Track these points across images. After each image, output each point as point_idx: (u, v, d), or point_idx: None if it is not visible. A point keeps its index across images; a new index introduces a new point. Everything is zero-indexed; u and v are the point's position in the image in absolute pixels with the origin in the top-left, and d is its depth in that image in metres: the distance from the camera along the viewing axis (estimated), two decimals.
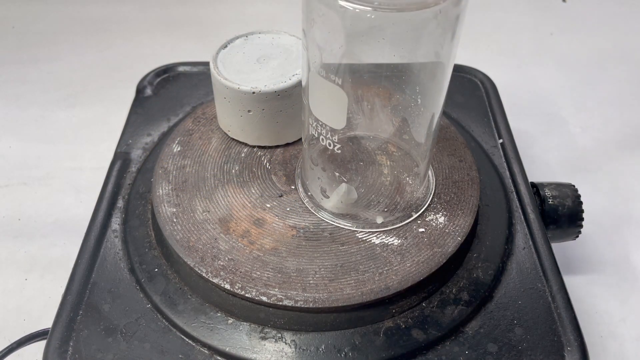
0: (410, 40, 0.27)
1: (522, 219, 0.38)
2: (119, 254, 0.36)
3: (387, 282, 0.31)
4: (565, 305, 0.33)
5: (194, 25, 0.76)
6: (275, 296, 0.31)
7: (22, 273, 0.46)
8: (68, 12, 0.78)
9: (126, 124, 0.45)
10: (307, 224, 0.34)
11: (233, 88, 0.36)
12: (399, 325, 0.32)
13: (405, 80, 0.31)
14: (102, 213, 0.38)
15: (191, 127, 0.41)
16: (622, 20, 0.78)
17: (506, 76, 0.58)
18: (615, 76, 0.68)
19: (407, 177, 0.35)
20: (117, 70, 0.68)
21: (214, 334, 0.31)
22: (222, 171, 0.38)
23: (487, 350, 0.31)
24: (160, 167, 0.38)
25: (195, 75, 0.50)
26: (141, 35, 0.74)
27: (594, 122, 0.62)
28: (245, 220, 0.35)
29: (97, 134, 0.59)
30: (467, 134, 0.44)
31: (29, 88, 0.65)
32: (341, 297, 0.31)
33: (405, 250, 0.33)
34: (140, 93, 0.48)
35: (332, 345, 0.31)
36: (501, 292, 0.34)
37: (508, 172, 0.41)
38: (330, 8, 0.26)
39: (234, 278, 0.31)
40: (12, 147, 0.58)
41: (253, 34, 0.41)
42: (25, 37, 0.74)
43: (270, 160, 0.39)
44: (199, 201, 0.36)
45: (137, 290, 0.34)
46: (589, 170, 0.56)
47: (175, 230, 0.34)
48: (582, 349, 0.31)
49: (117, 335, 0.31)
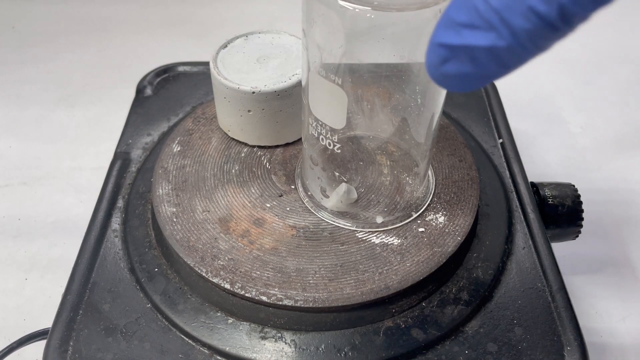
0: (410, 40, 0.27)
1: (522, 218, 0.38)
2: (119, 254, 0.36)
3: (387, 281, 0.31)
4: (565, 305, 0.33)
5: (194, 25, 0.76)
6: (275, 296, 0.31)
7: (22, 273, 0.46)
8: (68, 12, 0.78)
9: (126, 124, 0.45)
10: (307, 224, 0.34)
11: (233, 88, 0.36)
12: (399, 325, 0.32)
13: (405, 80, 0.31)
14: (102, 213, 0.38)
15: (191, 127, 0.41)
16: (622, 20, 0.78)
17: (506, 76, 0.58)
18: (615, 76, 0.68)
19: (407, 177, 0.35)
20: (117, 70, 0.68)
21: (214, 334, 0.31)
22: (222, 171, 0.38)
23: (487, 350, 0.31)
24: (160, 167, 0.38)
25: (195, 75, 0.50)
26: (141, 35, 0.74)
27: (594, 122, 0.62)
28: (245, 220, 0.35)
29: (97, 134, 0.59)
30: (467, 134, 0.44)
31: (29, 88, 0.65)
32: (341, 297, 0.31)
33: (405, 250, 0.33)
34: (140, 93, 0.48)
35: (332, 345, 0.31)
36: (501, 292, 0.34)
37: (508, 172, 0.41)
38: (330, 8, 0.26)
39: (233, 278, 0.31)
40: (12, 147, 0.58)
41: (253, 34, 0.41)
42: (25, 37, 0.74)
43: (270, 160, 0.39)
44: (199, 201, 0.36)
45: (137, 290, 0.34)
46: (589, 170, 0.56)
47: (175, 230, 0.34)
48: (582, 349, 0.31)
49: (117, 335, 0.31)
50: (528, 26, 0.16)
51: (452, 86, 0.18)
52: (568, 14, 0.15)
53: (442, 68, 0.18)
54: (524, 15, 0.15)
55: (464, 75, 0.17)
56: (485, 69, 0.17)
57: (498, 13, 0.16)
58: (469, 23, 0.16)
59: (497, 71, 0.17)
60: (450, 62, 0.17)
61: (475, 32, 0.16)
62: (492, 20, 0.16)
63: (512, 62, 0.17)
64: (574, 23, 0.16)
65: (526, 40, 0.16)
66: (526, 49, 0.16)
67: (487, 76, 0.17)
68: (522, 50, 0.16)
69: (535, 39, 0.16)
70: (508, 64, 0.17)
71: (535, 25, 0.15)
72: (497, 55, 0.16)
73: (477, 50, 0.17)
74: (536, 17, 0.15)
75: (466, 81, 0.18)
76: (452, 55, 0.17)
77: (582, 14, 0.15)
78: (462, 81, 0.18)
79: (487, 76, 0.17)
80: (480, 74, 0.17)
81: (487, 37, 0.16)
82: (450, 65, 0.17)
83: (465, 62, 0.17)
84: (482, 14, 0.16)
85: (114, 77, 0.66)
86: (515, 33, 0.16)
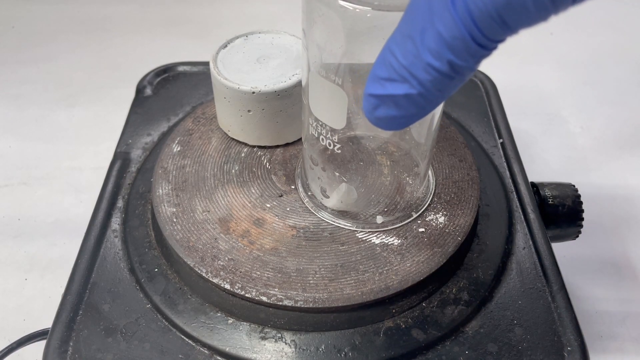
0: None
1: (522, 218, 0.38)
2: (119, 254, 0.36)
3: (387, 282, 0.31)
4: (565, 305, 0.33)
5: (194, 25, 0.76)
6: (275, 296, 0.31)
7: (22, 273, 0.46)
8: (68, 12, 0.78)
9: (126, 124, 0.45)
10: (307, 224, 0.34)
11: (233, 88, 0.36)
12: (399, 325, 0.32)
13: None
14: (102, 213, 0.38)
15: (191, 127, 0.41)
16: (622, 20, 0.78)
17: (506, 76, 0.58)
18: (615, 76, 0.68)
19: (407, 177, 0.35)
20: (117, 70, 0.68)
21: (214, 334, 0.31)
22: (222, 171, 0.38)
23: (487, 350, 0.31)
24: (160, 167, 0.38)
25: (195, 75, 0.50)
26: (141, 35, 0.74)
27: (594, 122, 0.62)
28: (245, 220, 0.35)
29: (97, 134, 0.59)
30: (467, 134, 0.44)
31: (29, 88, 0.65)
32: (341, 297, 0.31)
33: (405, 250, 0.33)
34: (140, 93, 0.48)
35: (332, 345, 0.31)
36: (501, 292, 0.34)
37: (508, 172, 0.41)
38: (330, 8, 0.26)
39: (234, 278, 0.31)
40: (12, 147, 0.58)
41: (253, 34, 0.41)
42: (25, 37, 0.74)
43: (270, 160, 0.39)
44: (199, 201, 0.36)
45: (137, 290, 0.34)
46: (589, 170, 0.56)
47: (175, 230, 0.34)
48: (582, 349, 0.31)
49: (117, 335, 0.31)
50: (429, 77, 0.20)
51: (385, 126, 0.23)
52: (457, 67, 0.19)
53: (375, 113, 0.22)
54: (424, 69, 0.19)
55: (392, 117, 0.22)
56: (406, 111, 0.21)
57: (407, 68, 0.20)
58: (388, 77, 0.21)
59: (417, 112, 0.21)
60: (380, 108, 0.22)
61: (394, 84, 0.21)
62: (403, 74, 0.20)
63: (427, 104, 0.21)
64: (465, 74, 0.20)
65: (432, 88, 0.20)
66: (434, 94, 0.20)
67: (410, 116, 0.22)
68: (431, 95, 0.20)
69: (439, 86, 0.20)
70: (424, 106, 0.21)
71: (434, 76, 0.20)
72: (413, 101, 0.21)
73: (398, 98, 0.21)
74: (433, 70, 0.19)
75: (395, 122, 0.22)
76: (380, 102, 0.21)
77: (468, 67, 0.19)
78: (392, 122, 0.22)
79: (410, 116, 0.22)
80: (404, 115, 0.22)
81: (402, 87, 0.20)
82: (380, 110, 0.22)
83: (391, 107, 0.21)
84: (396, 70, 0.20)
85: (114, 77, 0.66)
86: (422, 83, 0.20)
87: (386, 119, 0.22)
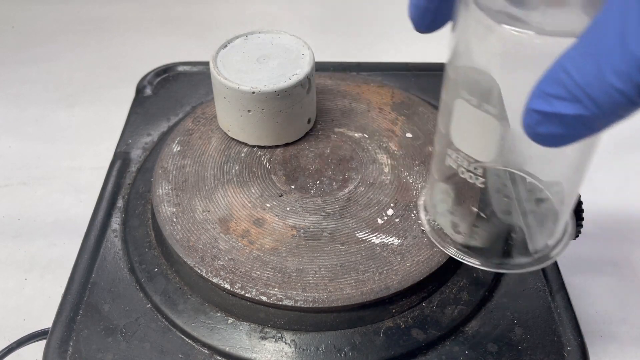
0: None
1: None
2: (119, 254, 0.36)
3: (387, 282, 0.31)
4: (565, 305, 0.33)
5: (194, 25, 0.76)
6: (275, 296, 0.31)
7: (22, 273, 0.46)
8: (67, 12, 0.78)
9: (126, 124, 0.45)
10: (307, 224, 0.34)
11: (233, 88, 0.36)
12: (399, 325, 0.32)
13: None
14: (101, 213, 0.38)
15: (191, 127, 0.41)
16: None
17: None
18: None
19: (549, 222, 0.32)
20: (117, 70, 0.68)
21: (214, 334, 0.31)
22: (222, 171, 0.38)
23: (487, 350, 0.31)
24: (160, 167, 0.38)
25: (195, 75, 0.50)
26: (141, 35, 0.74)
27: None
28: (245, 220, 0.35)
29: (97, 134, 0.59)
30: None
31: (29, 88, 0.65)
32: (341, 297, 0.31)
33: (405, 250, 0.33)
34: (140, 93, 0.48)
35: (332, 345, 0.31)
36: (501, 292, 0.34)
37: None
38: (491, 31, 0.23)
39: (233, 278, 0.31)
40: (12, 147, 0.58)
41: (253, 34, 0.41)
42: (25, 37, 0.74)
43: (270, 160, 0.39)
44: (199, 201, 0.36)
45: (137, 290, 0.34)
46: (589, 170, 0.56)
47: (175, 230, 0.34)
48: (582, 349, 0.31)
49: (117, 335, 0.31)
50: (609, 100, 0.18)
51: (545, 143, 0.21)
52: None
53: (536, 128, 0.20)
54: (605, 91, 0.18)
55: (556, 136, 0.20)
56: (574, 131, 0.20)
57: (582, 88, 0.18)
58: (557, 95, 0.19)
59: (585, 133, 0.20)
60: (543, 125, 0.20)
61: (563, 103, 0.19)
62: (577, 94, 0.18)
63: (599, 126, 0.19)
64: None
65: (608, 111, 0.18)
66: (609, 117, 0.19)
67: (576, 136, 0.20)
68: (606, 117, 0.19)
69: (618, 110, 0.18)
70: (594, 128, 0.19)
71: (616, 100, 0.18)
72: (584, 121, 0.19)
73: (566, 117, 0.19)
74: (617, 93, 0.17)
75: (557, 140, 0.21)
76: (545, 119, 0.20)
77: None
78: (554, 140, 0.21)
79: (576, 136, 0.20)
80: (570, 135, 0.20)
81: (573, 107, 0.19)
82: (543, 127, 0.20)
83: (557, 125, 0.20)
84: (568, 89, 0.19)
85: (114, 77, 0.66)
86: (599, 105, 0.18)
87: (548, 136, 0.20)
